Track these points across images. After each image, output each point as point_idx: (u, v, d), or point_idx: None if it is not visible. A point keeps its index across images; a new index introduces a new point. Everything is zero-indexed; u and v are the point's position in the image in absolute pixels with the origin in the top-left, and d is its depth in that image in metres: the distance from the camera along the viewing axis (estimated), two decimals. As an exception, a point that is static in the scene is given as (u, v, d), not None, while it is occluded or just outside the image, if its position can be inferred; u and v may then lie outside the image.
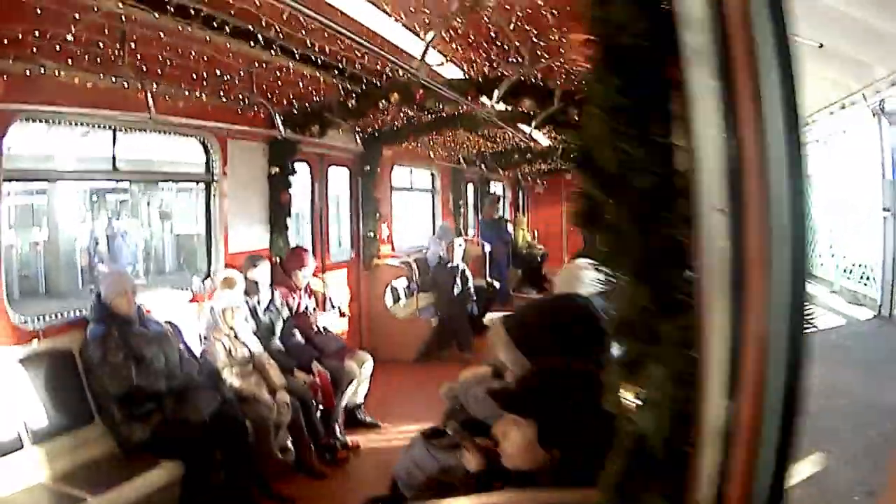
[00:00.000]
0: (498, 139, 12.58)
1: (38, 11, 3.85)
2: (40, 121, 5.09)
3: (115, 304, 5.06)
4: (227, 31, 4.78)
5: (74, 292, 19.26)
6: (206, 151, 6.81)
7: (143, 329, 5.17)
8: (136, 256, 22.00)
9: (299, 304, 6.94)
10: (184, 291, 6.46)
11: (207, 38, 4.76)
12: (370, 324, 9.91)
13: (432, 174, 13.83)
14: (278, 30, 5.03)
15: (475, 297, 10.79)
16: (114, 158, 5.82)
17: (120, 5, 3.96)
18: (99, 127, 5.67)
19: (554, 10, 4.83)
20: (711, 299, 1.27)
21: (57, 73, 4.65)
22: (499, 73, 6.72)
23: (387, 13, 4.72)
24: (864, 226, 12.83)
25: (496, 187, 18.59)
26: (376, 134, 8.89)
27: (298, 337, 6.70)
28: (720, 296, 1.25)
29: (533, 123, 7.63)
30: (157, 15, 4.20)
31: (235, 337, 5.85)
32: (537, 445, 2.34)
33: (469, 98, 7.10)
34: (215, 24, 4.63)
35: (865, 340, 10.31)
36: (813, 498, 5.08)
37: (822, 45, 8.69)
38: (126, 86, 5.15)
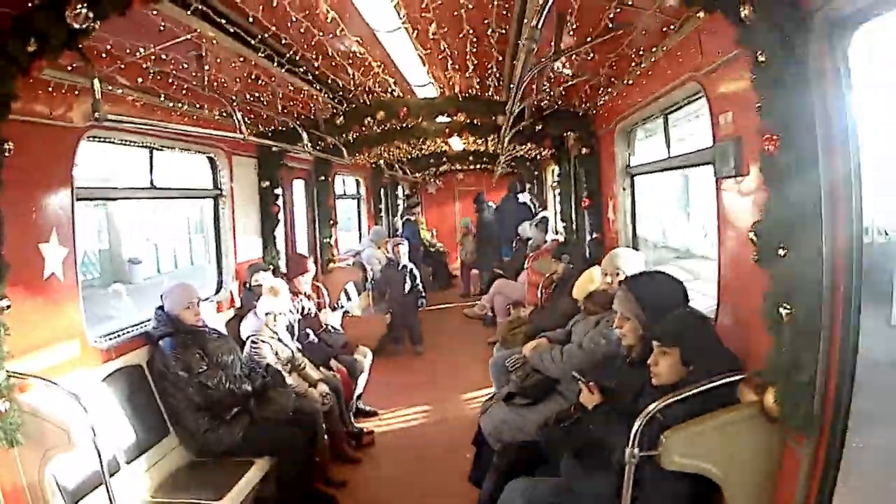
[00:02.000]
0: (422, 147, 13.36)
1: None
2: (101, 140, 5.09)
3: (182, 316, 5.29)
4: (271, 56, 5.07)
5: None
6: (213, 167, 7.20)
7: (214, 336, 5.49)
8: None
9: (303, 307, 7.43)
10: (206, 302, 6.61)
11: (252, 61, 5.04)
12: (330, 323, 10.37)
13: (357, 181, 14.51)
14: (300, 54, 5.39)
15: (423, 294, 11.50)
16: (151, 178, 6.05)
17: (211, 32, 4.19)
18: (140, 146, 5.83)
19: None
20: None
21: (121, 92, 4.84)
22: (469, 93, 7.55)
23: (414, 44, 5.36)
24: None
25: (400, 190, 19.24)
26: (336, 150, 9.29)
27: (312, 336, 7.22)
28: None
29: (505, 136, 8.31)
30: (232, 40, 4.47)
31: (279, 340, 6.30)
32: (680, 364, 3.34)
33: (447, 115, 7.89)
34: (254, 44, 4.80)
35: None
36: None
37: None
38: (171, 105, 5.49)
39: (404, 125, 9.33)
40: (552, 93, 7.22)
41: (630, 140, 7.07)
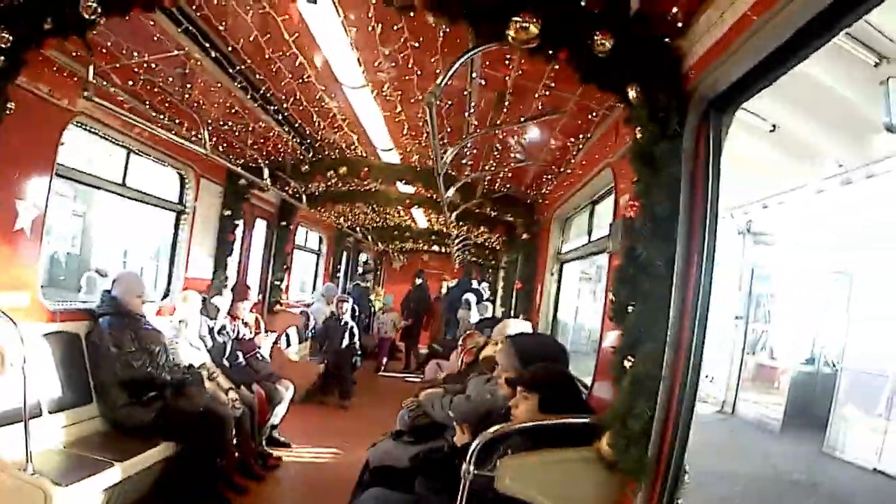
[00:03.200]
0: (386, 216, 14.10)
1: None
2: (84, 128, 5.59)
3: (128, 303, 5.78)
4: (246, 88, 5.71)
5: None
6: (182, 184, 7.75)
7: (149, 328, 5.94)
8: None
9: (238, 331, 7.90)
10: (151, 304, 7.03)
11: (230, 91, 5.72)
12: (266, 363, 10.74)
13: (320, 237, 15.05)
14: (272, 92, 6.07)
15: (360, 352, 11.96)
16: (124, 176, 6.60)
17: (198, 54, 4.87)
18: (118, 145, 6.33)
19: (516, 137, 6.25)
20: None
21: (111, 91, 5.35)
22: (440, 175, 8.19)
23: (380, 109, 6.04)
24: (714, 333, 15.18)
25: (363, 258, 19.79)
26: (302, 199, 9.98)
27: (241, 359, 7.66)
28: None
29: (454, 213, 8.93)
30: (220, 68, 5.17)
31: (191, 345, 6.77)
32: (537, 411, 3.65)
33: (404, 182, 8.51)
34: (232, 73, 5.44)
35: (707, 427, 12.41)
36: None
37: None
38: (154, 115, 6.03)
39: (368, 188, 10.00)
40: (500, 174, 7.86)
41: (565, 229, 7.56)
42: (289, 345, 11.48)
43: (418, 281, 17.95)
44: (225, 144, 7.56)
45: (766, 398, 14.26)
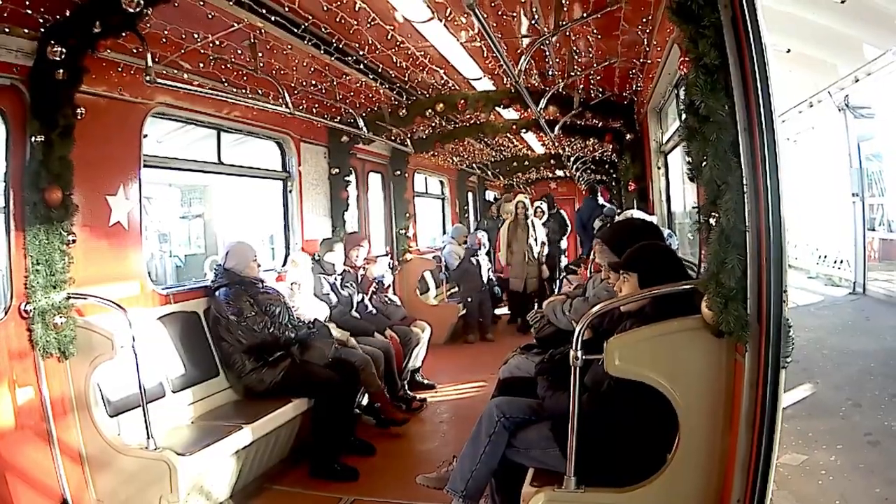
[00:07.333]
0: (502, 149, 14.01)
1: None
2: (166, 118, 5.92)
3: (242, 270, 5.95)
4: (329, 49, 5.80)
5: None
6: (283, 152, 7.96)
7: (266, 289, 6.14)
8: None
9: (356, 276, 7.99)
10: (270, 271, 7.42)
11: (303, 50, 5.70)
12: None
13: (441, 182, 15.11)
14: (362, 51, 6.19)
15: (498, 286, 12.03)
16: (219, 154, 6.81)
17: (259, 23, 4.94)
18: (207, 127, 6.64)
19: (588, 37, 5.92)
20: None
21: (185, 77, 5.64)
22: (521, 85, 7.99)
23: (455, 37, 5.87)
24: (833, 214, 14.54)
25: (490, 196, 19.76)
26: (407, 143, 9.87)
27: (371, 308, 7.81)
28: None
29: (556, 127, 8.76)
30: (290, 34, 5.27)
31: (311, 302, 6.91)
32: (639, 289, 3.65)
33: (502, 106, 8.37)
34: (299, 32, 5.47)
35: (840, 309, 11.95)
36: (808, 410, 6.43)
37: (789, 51, 10.20)
38: (235, 91, 6.28)
39: (472, 121, 9.91)
40: (592, 82, 7.58)
41: (661, 119, 7.25)
42: (426, 290, 11.73)
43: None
44: (317, 106, 7.65)
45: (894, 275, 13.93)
